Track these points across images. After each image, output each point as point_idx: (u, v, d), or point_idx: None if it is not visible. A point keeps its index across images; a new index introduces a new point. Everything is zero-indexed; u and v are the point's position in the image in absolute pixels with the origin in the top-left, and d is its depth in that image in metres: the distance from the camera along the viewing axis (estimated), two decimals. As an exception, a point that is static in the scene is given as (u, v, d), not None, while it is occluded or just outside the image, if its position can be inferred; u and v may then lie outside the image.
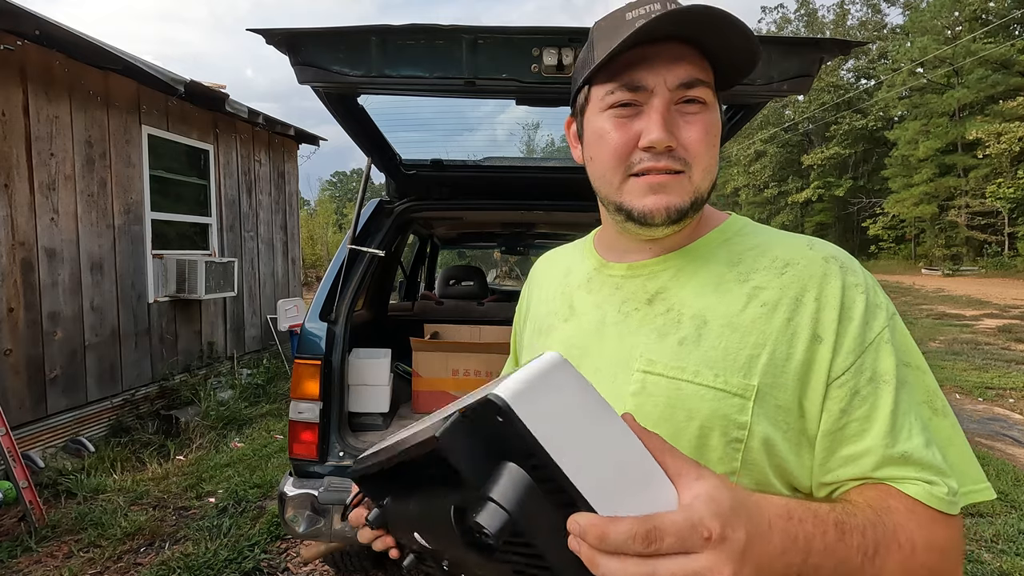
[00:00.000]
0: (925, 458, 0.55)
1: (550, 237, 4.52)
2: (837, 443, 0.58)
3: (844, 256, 0.64)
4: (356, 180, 54.94)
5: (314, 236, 25.03)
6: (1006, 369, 6.53)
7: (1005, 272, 23.39)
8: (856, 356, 0.58)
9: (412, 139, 2.29)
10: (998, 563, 2.61)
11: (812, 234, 0.70)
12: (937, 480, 0.55)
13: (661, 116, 0.60)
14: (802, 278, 0.61)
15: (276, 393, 5.50)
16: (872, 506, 0.53)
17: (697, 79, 0.61)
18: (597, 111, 0.65)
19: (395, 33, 1.36)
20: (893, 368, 0.58)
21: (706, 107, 0.62)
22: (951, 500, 0.54)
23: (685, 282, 0.66)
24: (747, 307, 0.61)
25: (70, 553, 2.75)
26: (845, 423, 0.57)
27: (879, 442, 0.56)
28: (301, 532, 1.91)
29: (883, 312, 0.60)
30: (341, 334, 2.06)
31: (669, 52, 0.60)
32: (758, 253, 0.65)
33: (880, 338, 0.59)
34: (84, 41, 3.85)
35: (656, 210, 0.62)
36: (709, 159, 0.63)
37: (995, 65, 25.53)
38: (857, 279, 0.61)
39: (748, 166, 41.33)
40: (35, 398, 3.78)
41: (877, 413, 0.56)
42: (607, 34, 0.62)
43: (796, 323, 0.59)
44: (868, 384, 0.57)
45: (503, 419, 0.37)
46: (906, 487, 0.55)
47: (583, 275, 0.76)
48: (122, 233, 4.54)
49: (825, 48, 1.39)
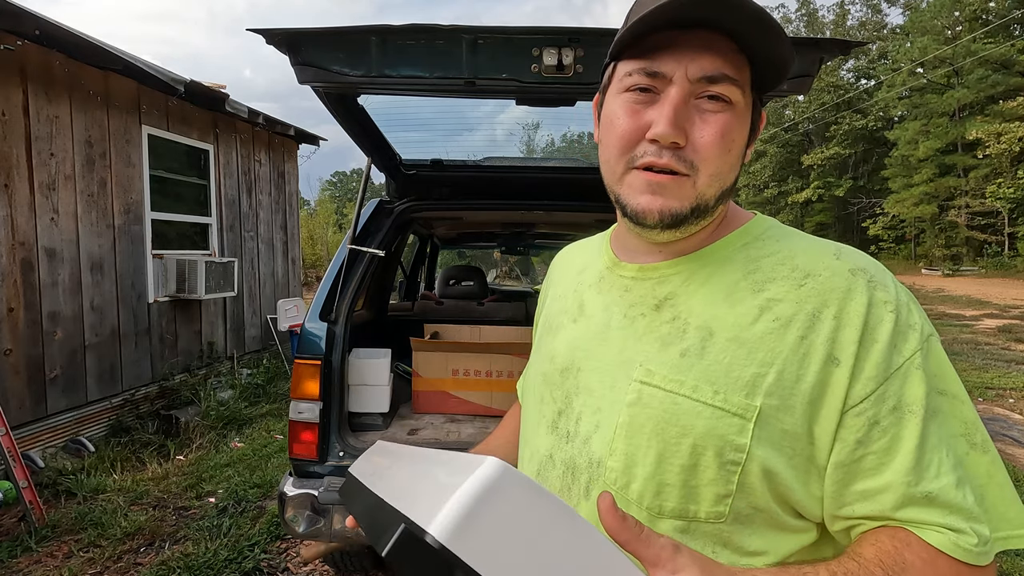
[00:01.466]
0: (954, 500, 0.49)
1: (550, 237, 4.52)
2: (851, 476, 0.53)
3: (876, 268, 0.58)
4: (356, 180, 54.94)
5: (314, 236, 25.04)
6: (1006, 369, 6.53)
7: (1005, 272, 23.40)
8: (879, 383, 0.52)
9: (412, 139, 2.29)
10: (998, 563, 2.61)
11: (812, 234, 0.66)
12: (965, 528, 0.49)
13: (673, 109, 0.55)
14: (823, 292, 0.55)
15: (276, 393, 5.50)
16: (884, 564, 0.48)
17: (724, 74, 0.55)
18: (616, 92, 0.61)
19: (395, 33, 1.36)
20: (923, 397, 0.52)
21: (730, 107, 0.57)
22: (981, 551, 0.49)
23: (696, 289, 0.61)
24: (758, 320, 0.56)
25: (70, 553, 2.75)
26: (862, 455, 0.52)
27: (900, 479, 0.50)
28: (301, 532, 1.91)
29: (916, 334, 0.54)
30: (341, 334, 2.06)
31: (699, 40, 0.55)
32: (778, 261, 0.59)
33: (910, 363, 0.52)
34: (84, 41, 3.85)
35: (649, 211, 0.58)
36: (721, 164, 0.57)
37: (995, 65, 25.53)
38: (887, 295, 0.55)
39: (748, 166, 41.26)
40: (35, 398, 3.78)
41: (900, 446, 0.51)
42: (638, 7, 0.56)
43: (810, 341, 0.54)
44: (891, 414, 0.51)
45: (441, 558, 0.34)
46: (928, 535, 0.49)
47: (596, 273, 0.73)
48: (122, 233, 4.54)
49: (825, 48, 1.39)
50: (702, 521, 0.56)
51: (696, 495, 0.56)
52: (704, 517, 0.56)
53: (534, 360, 0.79)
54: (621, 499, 0.58)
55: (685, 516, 0.56)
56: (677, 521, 0.57)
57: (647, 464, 0.57)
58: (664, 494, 0.57)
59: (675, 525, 0.57)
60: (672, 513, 0.57)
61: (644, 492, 0.57)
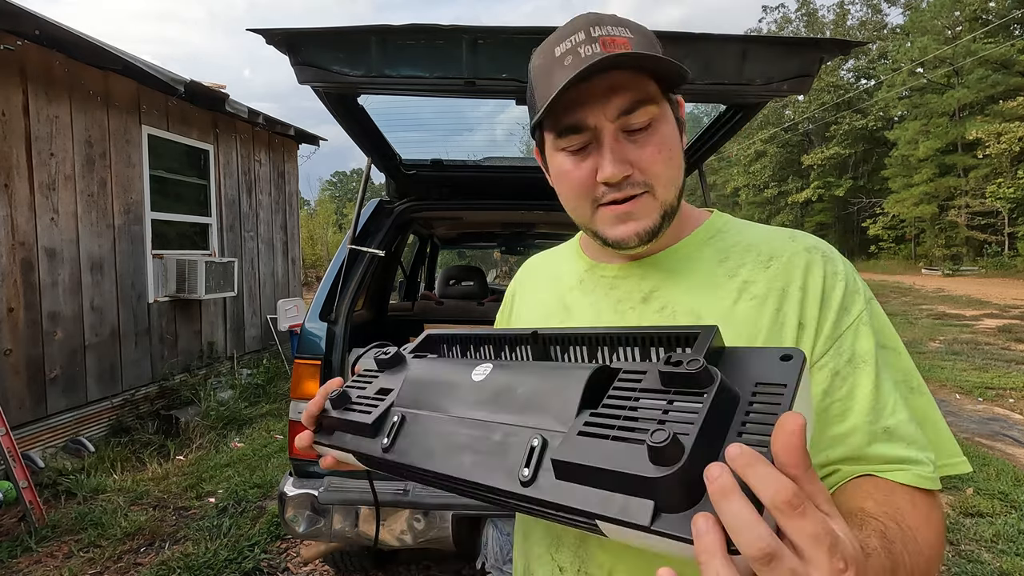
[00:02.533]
0: (908, 433, 0.57)
1: (550, 237, 4.52)
2: (824, 424, 0.59)
3: (824, 246, 0.68)
4: (356, 180, 54.94)
5: (314, 236, 25.04)
6: (1006, 369, 6.53)
7: (1005, 272, 23.38)
8: (835, 340, 0.61)
9: (412, 139, 2.29)
10: (998, 563, 2.61)
11: (813, 234, 0.70)
12: (921, 458, 0.56)
13: (611, 151, 0.62)
14: (788, 269, 0.64)
15: (276, 393, 5.50)
16: (889, 515, 0.52)
17: (635, 101, 0.62)
18: (554, 151, 0.68)
19: (395, 33, 1.36)
20: (872, 349, 0.60)
21: (654, 120, 0.63)
22: (934, 476, 0.56)
23: (677, 281, 0.68)
24: (738, 301, 0.64)
25: (70, 553, 2.75)
26: (829, 404, 0.59)
27: (863, 419, 0.58)
28: (301, 532, 1.91)
29: (861, 298, 0.63)
30: (341, 334, 2.06)
31: (602, 85, 0.61)
32: (743, 249, 0.68)
33: (859, 321, 0.62)
34: (84, 41, 3.85)
35: (628, 237, 0.66)
36: (669, 172, 0.65)
37: (995, 65, 25.52)
38: (837, 268, 0.65)
39: (748, 166, 41.31)
40: (35, 398, 3.78)
41: (858, 392, 0.59)
42: (543, 76, 0.64)
43: (784, 313, 0.62)
44: (847, 365, 0.60)
45: (786, 362, 0.41)
46: (896, 475, 0.56)
47: (574, 277, 0.78)
48: (122, 233, 4.54)
49: (825, 48, 1.39)
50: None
51: None
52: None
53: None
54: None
55: None
56: None
57: None
58: None
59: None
60: None
61: None
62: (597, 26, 0.62)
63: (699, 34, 1.37)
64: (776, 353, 0.42)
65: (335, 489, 1.90)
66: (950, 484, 3.45)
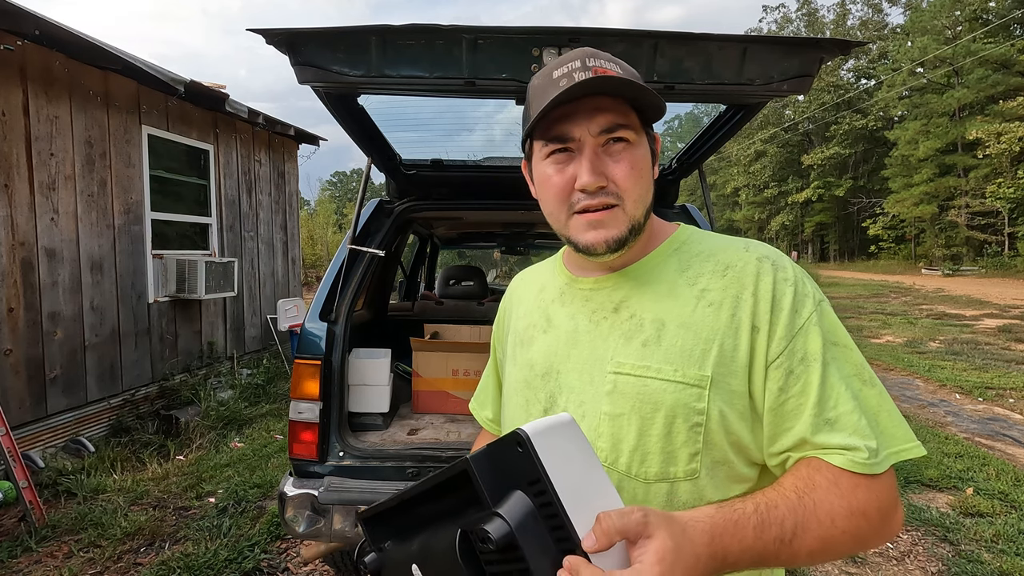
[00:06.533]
0: (850, 423, 0.63)
1: (550, 237, 4.52)
2: (780, 418, 0.66)
3: (775, 255, 0.74)
4: (356, 180, 54.95)
5: (314, 236, 25.05)
6: (1006, 369, 6.53)
7: (1005, 272, 23.38)
8: (788, 341, 0.67)
9: (412, 139, 2.29)
10: (998, 563, 2.61)
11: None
12: (860, 445, 0.62)
13: (589, 161, 0.70)
14: (740, 278, 0.71)
15: (276, 393, 5.50)
16: (797, 488, 0.61)
17: (617, 123, 0.70)
18: (540, 159, 0.75)
19: (395, 33, 1.36)
20: (820, 348, 0.66)
21: (631, 144, 0.71)
22: (872, 462, 0.61)
23: (644, 291, 0.75)
24: (697, 307, 0.71)
25: (70, 553, 2.75)
26: (784, 400, 0.66)
27: (810, 412, 0.64)
28: (301, 532, 1.91)
29: (810, 300, 0.69)
30: (341, 334, 2.06)
31: (589, 105, 0.70)
32: (703, 259, 0.75)
33: (809, 322, 0.67)
34: (84, 41, 3.85)
35: (597, 243, 0.72)
36: (639, 190, 0.72)
37: (995, 65, 25.53)
38: (786, 274, 0.71)
39: (748, 166, 41.32)
40: (35, 398, 3.78)
41: (809, 388, 0.65)
42: (539, 93, 0.71)
43: (739, 318, 0.69)
44: (800, 364, 0.66)
45: (522, 449, 0.48)
46: (832, 458, 0.62)
47: (556, 290, 0.85)
48: (122, 233, 4.54)
49: (825, 48, 1.39)
50: (681, 480, 0.69)
51: (674, 458, 0.68)
52: (682, 475, 0.68)
53: (511, 371, 0.89)
54: (613, 472, 0.70)
55: (667, 478, 0.69)
56: (663, 484, 0.69)
57: (630, 439, 0.70)
58: (648, 462, 0.69)
59: (663, 489, 0.69)
60: (656, 477, 0.69)
61: (631, 463, 0.70)
62: (593, 58, 0.70)
63: (699, 34, 1.37)
64: (511, 443, 0.49)
65: (335, 489, 1.89)
66: (950, 484, 3.45)
